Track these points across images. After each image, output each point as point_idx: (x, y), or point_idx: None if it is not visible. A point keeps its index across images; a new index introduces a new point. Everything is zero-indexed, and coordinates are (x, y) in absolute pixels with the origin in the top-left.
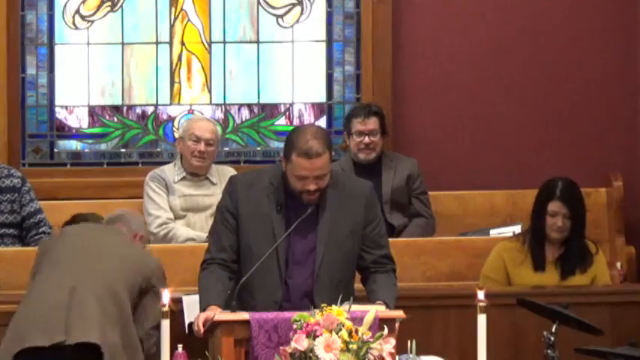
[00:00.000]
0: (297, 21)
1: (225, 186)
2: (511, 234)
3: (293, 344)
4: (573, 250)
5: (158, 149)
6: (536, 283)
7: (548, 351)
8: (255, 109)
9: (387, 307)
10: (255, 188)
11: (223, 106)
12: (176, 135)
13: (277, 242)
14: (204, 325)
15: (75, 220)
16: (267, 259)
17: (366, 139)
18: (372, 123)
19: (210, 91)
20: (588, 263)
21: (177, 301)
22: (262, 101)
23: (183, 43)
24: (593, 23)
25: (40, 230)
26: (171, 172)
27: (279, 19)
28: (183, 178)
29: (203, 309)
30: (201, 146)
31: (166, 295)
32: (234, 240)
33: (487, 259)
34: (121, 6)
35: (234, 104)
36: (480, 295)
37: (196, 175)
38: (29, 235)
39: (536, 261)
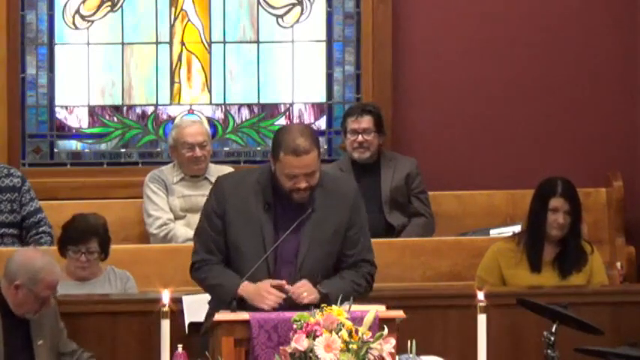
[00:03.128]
0: (297, 21)
1: (212, 187)
2: (511, 234)
3: (293, 344)
4: (570, 251)
5: (158, 149)
6: (533, 284)
7: (548, 351)
8: (255, 109)
9: (324, 296)
10: (242, 188)
11: (223, 106)
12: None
13: (275, 244)
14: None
15: (74, 220)
16: (256, 258)
17: (360, 138)
18: (366, 122)
19: (210, 91)
20: (584, 263)
21: (177, 301)
22: (262, 101)
23: (183, 43)
24: (593, 23)
25: (40, 230)
26: (170, 173)
27: (279, 19)
28: (182, 179)
29: (234, 290)
30: (197, 152)
31: (166, 295)
32: (222, 242)
33: (482, 260)
34: (121, 6)
35: (234, 104)
36: (480, 295)
37: (195, 176)
38: (29, 235)
39: (532, 262)
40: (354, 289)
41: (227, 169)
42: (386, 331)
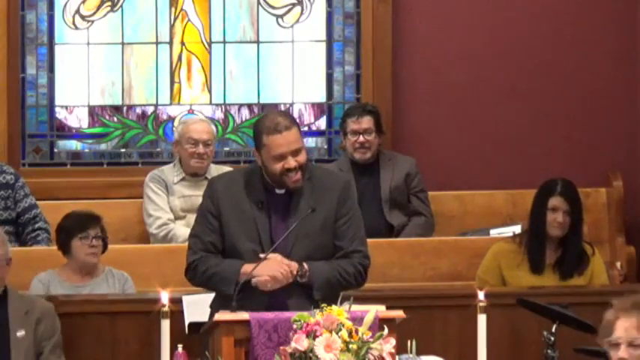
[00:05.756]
0: (297, 21)
1: (205, 189)
2: (511, 234)
3: (293, 344)
4: (571, 253)
5: (158, 149)
6: (533, 286)
7: (548, 351)
8: (255, 109)
9: (303, 271)
10: (234, 188)
11: (223, 106)
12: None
13: (276, 244)
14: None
15: (70, 215)
16: (252, 255)
17: (361, 138)
18: (366, 122)
19: (210, 91)
20: (585, 265)
21: (177, 301)
22: (262, 101)
23: (183, 43)
24: (593, 24)
25: (37, 226)
26: (170, 172)
27: (279, 19)
28: (182, 179)
29: (237, 271)
30: (200, 148)
31: (165, 297)
32: (219, 241)
33: (483, 261)
34: (121, 6)
35: (234, 104)
36: (480, 295)
37: (196, 176)
38: (25, 232)
39: (534, 263)
40: (339, 273)
41: (228, 169)
42: (386, 331)
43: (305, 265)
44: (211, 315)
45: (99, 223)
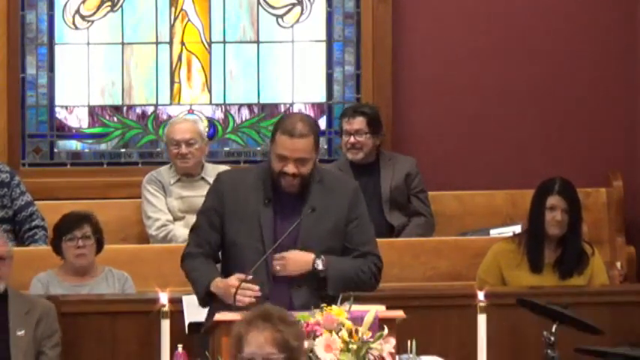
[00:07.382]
0: (297, 21)
1: (212, 182)
2: (511, 234)
3: None
4: (570, 252)
5: (158, 149)
6: (533, 286)
7: (548, 351)
8: (255, 109)
9: (319, 262)
10: (242, 185)
11: (223, 106)
12: None
13: (278, 242)
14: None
15: (63, 216)
16: (254, 254)
17: (352, 139)
18: (358, 123)
19: (210, 91)
20: (585, 265)
21: (177, 301)
22: (262, 101)
23: (183, 43)
24: (593, 23)
25: (33, 224)
26: (167, 174)
27: (279, 19)
28: (178, 180)
29: (205, 286)
30: (182, 149)
31: (164, 297)
32: (215, 237)
33: (483, 261)
34: (121, 6)
35: (234, 104)
36: (480, 295)
37: (190, 176)
38: (22, 230)
39: (533, 263)
40: (356, 271)
41: (225, 169)
42: (386, 331)
43: (324, 258)
44: (209, 313)
45: (88, 223)
